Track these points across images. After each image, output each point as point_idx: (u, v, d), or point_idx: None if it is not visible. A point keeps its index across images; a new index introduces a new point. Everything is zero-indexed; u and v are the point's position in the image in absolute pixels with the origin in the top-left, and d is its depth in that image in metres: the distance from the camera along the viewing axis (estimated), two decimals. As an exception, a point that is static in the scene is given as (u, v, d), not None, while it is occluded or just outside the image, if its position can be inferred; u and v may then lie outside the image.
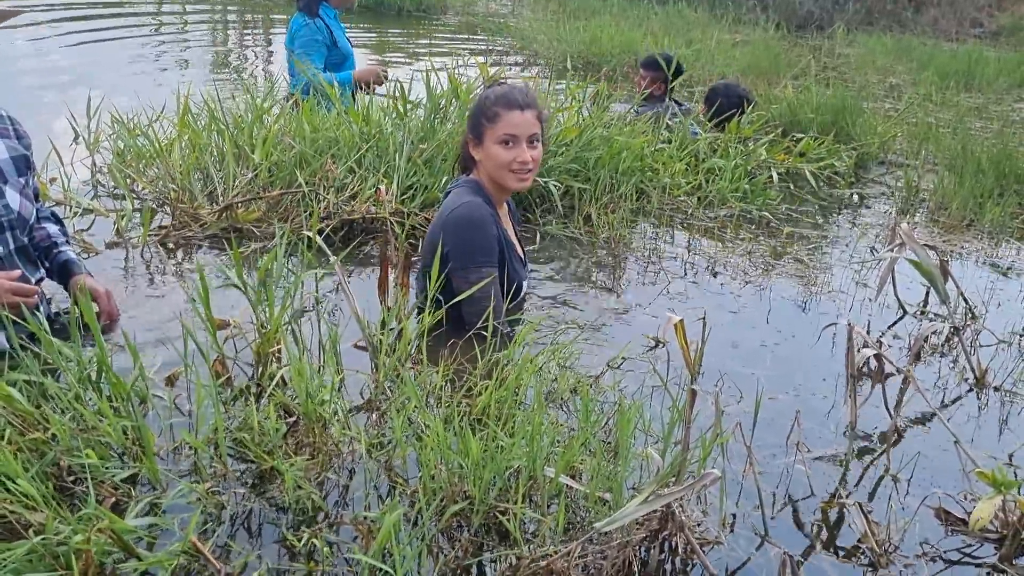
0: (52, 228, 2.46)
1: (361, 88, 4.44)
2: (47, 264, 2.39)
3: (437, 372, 2.10)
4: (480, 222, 2.45)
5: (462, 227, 2.45)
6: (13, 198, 2.21)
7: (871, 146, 5.15)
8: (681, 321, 1.71)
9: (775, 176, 4.35)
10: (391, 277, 2.51)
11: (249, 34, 9.57)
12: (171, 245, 3.06)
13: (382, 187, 3.12)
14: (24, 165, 2.29)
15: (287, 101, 4.15)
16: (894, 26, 12.97)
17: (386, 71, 4.58)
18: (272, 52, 8.08)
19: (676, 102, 5.29)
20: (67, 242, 2.48)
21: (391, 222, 3.01)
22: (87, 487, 1.61)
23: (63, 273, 2.39)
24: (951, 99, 7.23)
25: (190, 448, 1.81)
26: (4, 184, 2.20)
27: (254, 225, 3.22)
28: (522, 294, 2.70)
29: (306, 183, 3.29)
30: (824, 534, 1.87)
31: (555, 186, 3.59)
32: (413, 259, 3.04)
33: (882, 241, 3.83)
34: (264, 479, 1.79)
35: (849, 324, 2.09)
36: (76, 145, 4.00)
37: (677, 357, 2.53)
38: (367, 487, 1.78)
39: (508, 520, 1.62)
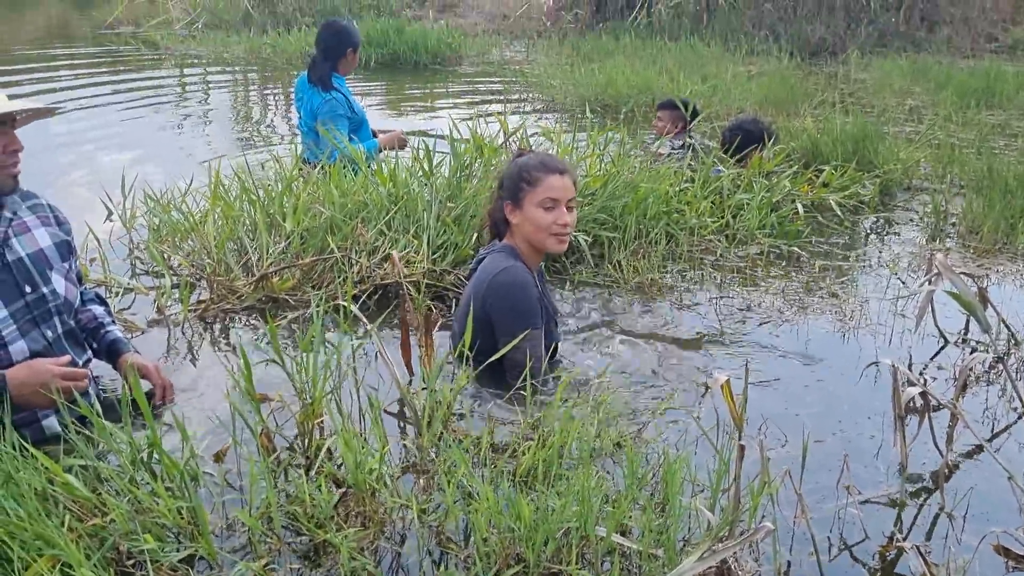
0: (98, 309, 2.52)
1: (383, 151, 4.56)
2: (95, 344, 2.44)
3: (484, 437, 2.11)
4: (524, 285, 2.51)
5: (508, 291, 2.50)
6: (59, 283, 2.27)
7: (895, 172, 5.13)
8: (728, 381, 1.72)
9: (800, 208, 4.35)
10: (413, 339, 2.54)
11: (270, 95, 9.77)
12: (210, 319, 3.11)
13: (394, 253, 3.16)
14: (67, 250, 2.35)
15: (313, 168, 4.23)
16: (908, 47, 12.95)
17: (406, 136, 4.72)
18: (290, 117, 8.23)
19: (692, 137, 5.33)
20: (112, 322, 2.54)
21: (406, 286, 3.05)
22: (146, 571, 1.63)
23: (111, 352, 2.45)
24: (972, 118, 7.20)
25: (243, 524, 1.83)
26: (50, 270, 2.26)
27: (289, 294, 3.27)
28: (557, 353, 2.74)
29: (338, 248, 3.35)
30: (883, 578, 1.85)
31: (584, 239, 3.62)
32: (445, 319, 3.08)
33: (915, 269, 3.81)
34: (318, 551, 1.80)
35: (893, 365, 2.08)
36: (112, 223, 4.09)
37: (718, 401, 2.52)
38: (420, 554, 1.79)
39: (563, 583, 1.62)
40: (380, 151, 4.60)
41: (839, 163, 5.00)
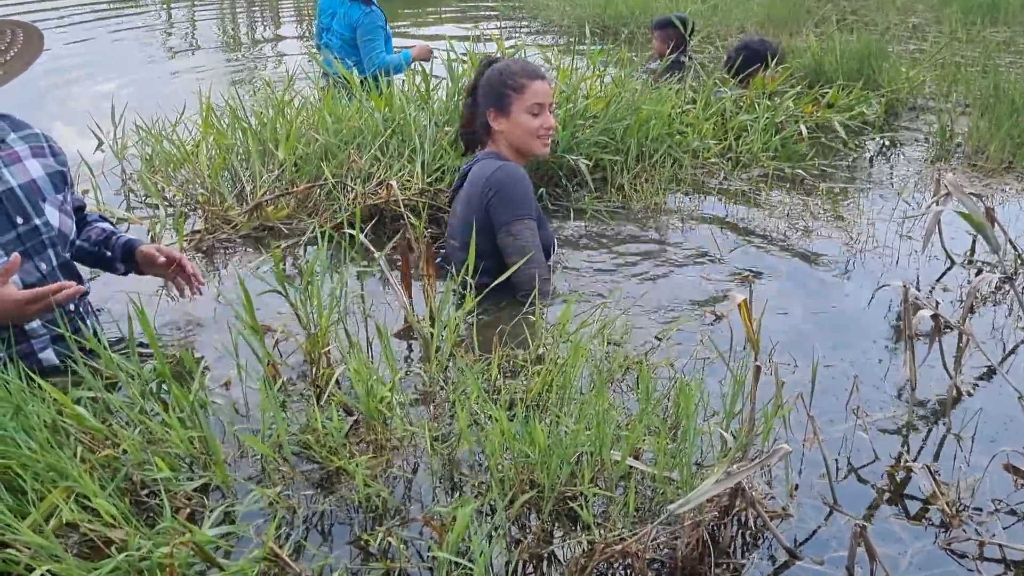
0: (106, 225, 2.46)
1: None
2: (108, 252, 2.37)
3: (493, 362, 2.10)
4: (522, 178, 2.60)
5: (506, 184, 2.57)
6: (53, 215, 2.21)
7: (900, 91, 5.05)
8: (745, 300, 1.69)
9: (804, 130, 4.28)
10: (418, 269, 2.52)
11: (259, 20, 9.54)
12: (206, 249, 3.07)
13: (392, 182, 3.12)
14: (61, 181, 2.29)
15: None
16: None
17: (432, 49, 5.08)
18: (283, 52, 8.04)
19: (691, 58, 5.23)
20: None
21: (406, 215, 3.01)
22: (161, 500, 1.63)
23: (127, 251, 2.38)
24: (977, 35, 7.06)
25: (255, 453, 1.83)
26: (43, 202, 2.20)
27: (284, 222, 3.22)
28: (553, 254, 2.83)
29: (333, 175, 3.29)
30: (892, 498, 1.86)
31: (585, 163, 3.56)
32: (438, 245, 3.04)
33: (921, 190, 3.77)
34: (331, 479, 1.80)
35: (904, 285, 2.06)
36: (103, 153, 4.02)
37: (727, 324, 2.52)
38: (434, 481, 1.79)
39: (579, 506, 1.62)
40: (412, 61, 4.88)
41: (843, 83, 4.91)
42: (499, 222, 2.57)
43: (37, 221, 2.15)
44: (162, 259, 2.33)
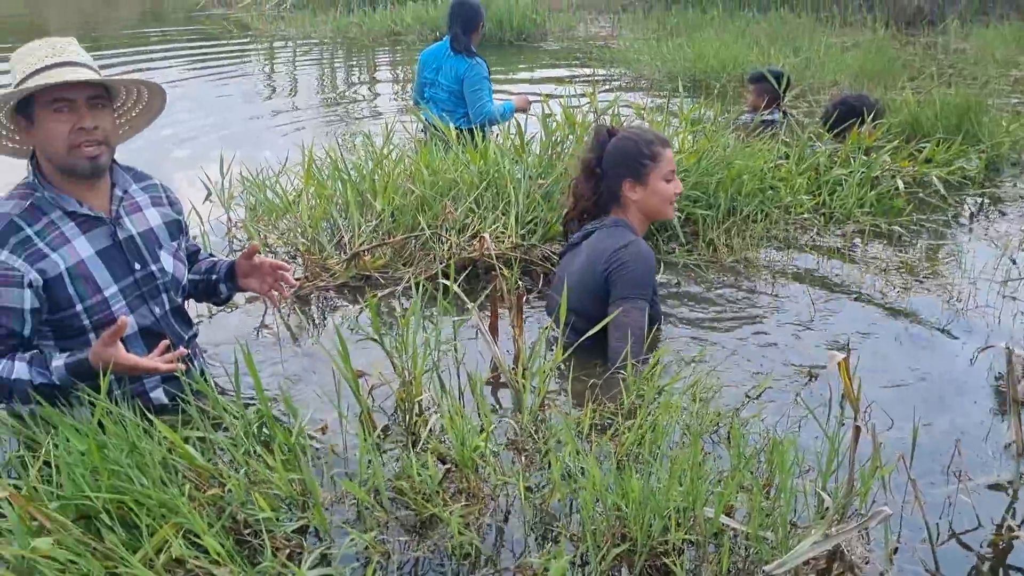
0: (214, 258, 2.59)
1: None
2: (214, 276, 2.50)
3: (584, 415, 2.11)
4: (649, 256, 2.63)
5: (634, 260, 2.58)
6: (167, 261, 2.34)
7: (1001, 146, 4.91)
8: (845, 359, 1.68)
9: (901, 185, 4.20)
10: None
11: (355, 76, 9.90)
12: (305, 296, 3.19)
13: (485, 235, 3.18)
14: (177, 229, 2.42)
15: (462, 134, 4.38)
16: (1011, 14, 12.33)
17: (530, 100, 5.28)
18: (378, 93, 8.35)
19: (786, 114, 5.20)
20: None
21: (499, 267, 3.06)
22: (262, 539, 1.69)
23: (230, 272, 2.50)
24: (1083, 88, 6.84)
25: (352, 498, 1.88)
26: (159, 249, 2.33)
27: (380, 272, 3.32)
28: (657, 327, 2.78)
29: (428, 226, 3.38)
30: (995, 566, 1.79)
31: (676, 215, 3.57)
32: (534, 293, 3.08)
33: (1025, 249, 3.65)
34: (424, 526, 1.84)
35: (1008, 347, 2.01)
36: (211, 202, 4.22)
37: (822, 382, 2.48)
38: (526, 531, 1.81)
39: (671, 562, 1.61)
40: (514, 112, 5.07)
41: (942, 137, 4.80)
42: (616, 295, 2.56)
43: (153, 267, 2.28)
44: (259, 259, 2.42)
